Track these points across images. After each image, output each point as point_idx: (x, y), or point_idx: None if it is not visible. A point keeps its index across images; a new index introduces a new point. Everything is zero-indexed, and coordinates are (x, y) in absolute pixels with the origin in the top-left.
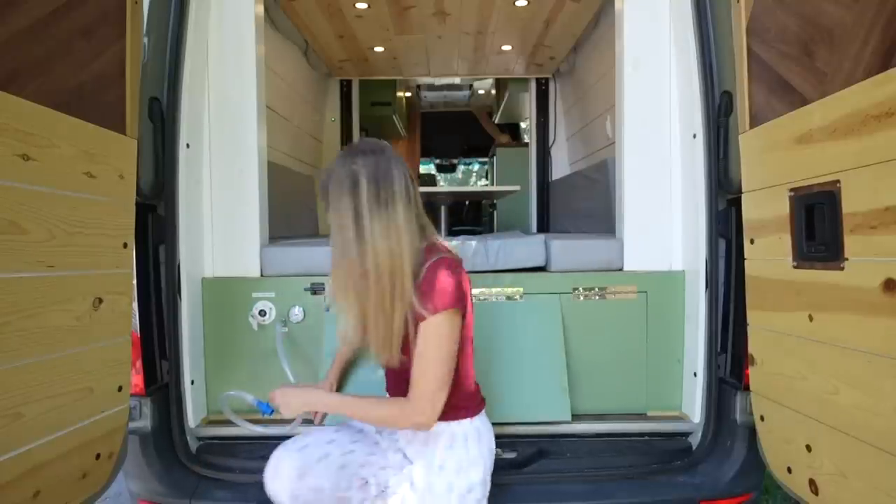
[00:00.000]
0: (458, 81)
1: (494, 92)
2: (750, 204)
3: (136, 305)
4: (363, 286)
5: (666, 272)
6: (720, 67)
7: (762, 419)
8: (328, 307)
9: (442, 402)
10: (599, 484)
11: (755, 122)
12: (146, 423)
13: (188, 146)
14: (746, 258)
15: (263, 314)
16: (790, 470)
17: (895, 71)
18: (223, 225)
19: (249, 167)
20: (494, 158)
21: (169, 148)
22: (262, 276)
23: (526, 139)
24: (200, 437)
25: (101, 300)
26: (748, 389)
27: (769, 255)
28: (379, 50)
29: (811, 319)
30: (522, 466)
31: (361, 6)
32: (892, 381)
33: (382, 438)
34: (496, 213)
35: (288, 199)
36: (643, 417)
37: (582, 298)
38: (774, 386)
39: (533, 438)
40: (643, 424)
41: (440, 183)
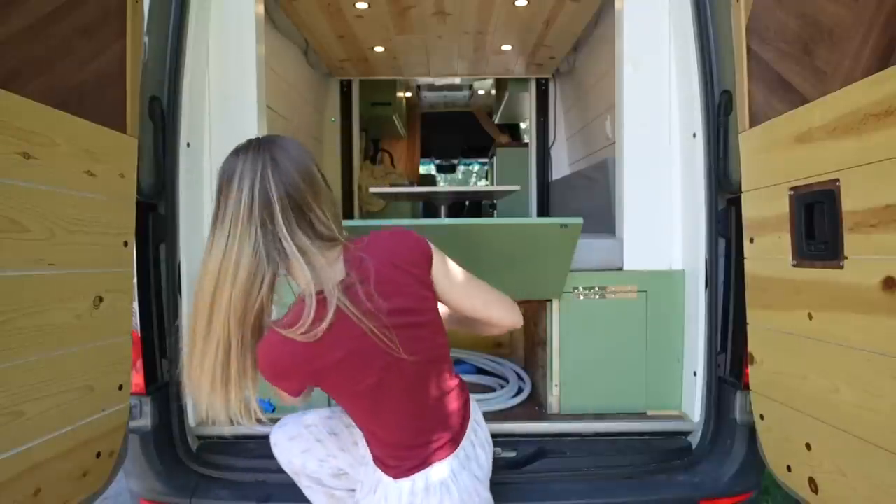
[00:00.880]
0: (458, 82)
1: (494, 92)
2: (750, 203)
3: (136, 304)
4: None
5: (666, 272)
6: (720, 67)
7: (762, 418)
8: None
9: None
10: (599, 483)
11: (755, 121)
12: (146, 421)
13: (188, 145)
14: (746, 257)
15: None
16: (790, 469)
17: (894, 70)
18: None
19: None
20: (494, 158)
21: (169, 147)
22: None
23: (526, 139)
24: (201, 435)
25: (101, 299)
26: (748, 388)
27: (769, 254)
28: (379, 50)
29: (811, 318)
30: (522, 466)
31: (361, 6)
32: (891, 379)
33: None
34: (496, 213)
35: None
36: (643, 417)
37: (582, 298)
38: (774, 385)
39: (533, 438)
40: (643, 424)
41: (440, 183)
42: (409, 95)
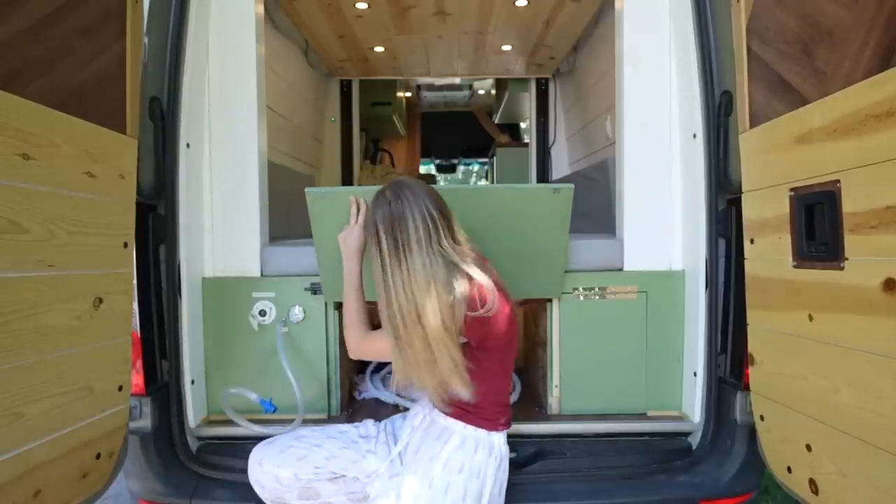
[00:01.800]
0: (458, 81)
1: (494, 92)
2: (750, 204)
3: (136, 305)
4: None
5: (666, 272)
6: (720, 67)
7: (762, 419)
8: None
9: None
10: (599, 484)
11: (755, 121)
12: (146, 422)
13: (188, 146)
14: (746, 258)
15: (263, 314)
16: (790, 469)
17: (895, 71)
18: (223, 225)
19: (249, 167)
20: (494, 158)
21: (169, 148)
22: (262, 275)
23: (526, 139)
24: (200, 436)
25: (101, 300)
26: (748, 389)
27: (769, 254)
28: (379, 50)
29: (811, 319)
30: (522, 466)
31: (361, 6)
32: (892, 380)
33: (365, 441)
34: None
35: (288, 199)
36: (643, 417)
37: (582, 298)
38: (774, 386)
39: (533, 439)
40: (643, 424)
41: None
42: (408, 95)
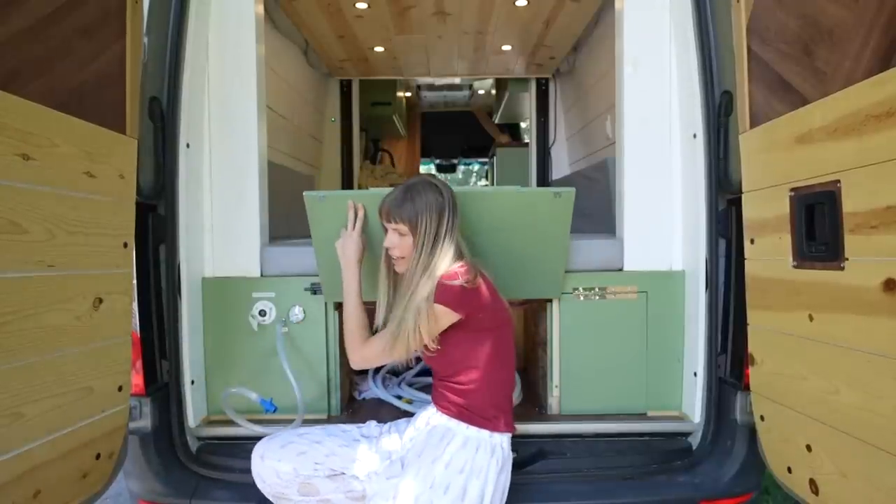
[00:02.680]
0: (458, 81)
1: (494, 92)
2: (750, 204)
3: (135, 305)
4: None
5: (666, 272)
6: (720, 67)
7: (762, 419)
8: None
9: (375, 360)
10: (599, 484)
11: (755, 121)
12: (146, 422)
13: (188, 146)
14: (746, 258)
15: (263, 314)
16: (790, 470)
17: (895, 71)
18: (223, 225)
19: (249, 167)
20: (494, 158)
21: (169, 148)
22: (262, 275)
23: (526, 139)
24: (200, 436)
25: (101, 300)
26: (748, 389)
27: (769, 254)
28: (379, 50)
29: (811, 319)
30: (523, 467)
31: (361, 6)
32: (892, 380)
33: (366, 440)
34: None
35: (288, 199)
36: (643, 417)
37: (582, 298)
38: (774, 386)
39: (533, 439)
40: (643, 424)
41: None
42: (408, 95)
